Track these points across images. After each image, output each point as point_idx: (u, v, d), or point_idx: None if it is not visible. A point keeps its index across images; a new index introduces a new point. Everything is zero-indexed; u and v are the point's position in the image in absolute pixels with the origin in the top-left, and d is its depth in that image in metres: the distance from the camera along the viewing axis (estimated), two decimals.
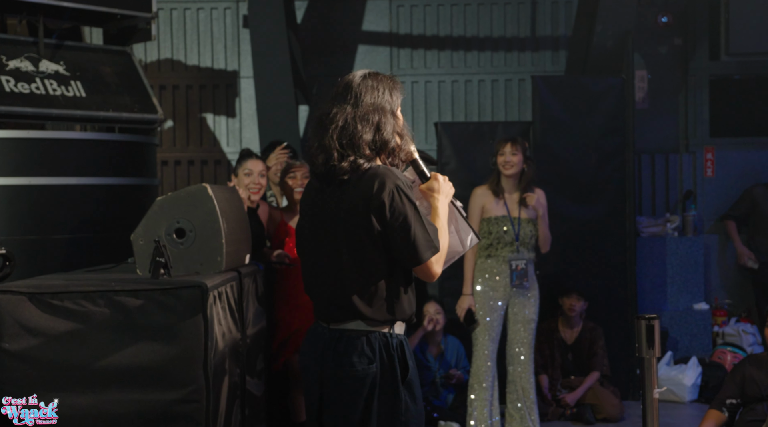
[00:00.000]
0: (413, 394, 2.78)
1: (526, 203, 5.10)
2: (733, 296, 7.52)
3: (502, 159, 5.11)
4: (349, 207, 2.71)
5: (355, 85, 2.76)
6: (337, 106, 2.75)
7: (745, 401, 4.59)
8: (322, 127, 2.76)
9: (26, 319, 3.14)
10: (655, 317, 3.80)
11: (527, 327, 5.16)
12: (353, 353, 2.72)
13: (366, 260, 2.70)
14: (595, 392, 5.82)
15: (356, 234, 2.69)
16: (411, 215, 2.67)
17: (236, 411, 3.69)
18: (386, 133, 2.75)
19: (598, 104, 6.33)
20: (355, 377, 2.71)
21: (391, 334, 2.77)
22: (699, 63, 7.62)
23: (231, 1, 7.51)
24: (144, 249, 3.44)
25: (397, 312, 2.76)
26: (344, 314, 2.76)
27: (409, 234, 2.66)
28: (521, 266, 5.09)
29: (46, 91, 4.76)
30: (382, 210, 2.66)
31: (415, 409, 2.78)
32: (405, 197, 2.68)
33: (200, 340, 3.17)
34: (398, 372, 2.75)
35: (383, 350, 2.74)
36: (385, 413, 2.74)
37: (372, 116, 2.73)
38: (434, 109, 7.62)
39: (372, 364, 2.72)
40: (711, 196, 7.63)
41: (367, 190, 2.67)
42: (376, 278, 2.72)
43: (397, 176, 2.71)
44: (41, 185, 4.58)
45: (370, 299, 2.72)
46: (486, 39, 7.62)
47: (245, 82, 7.47)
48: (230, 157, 7.46)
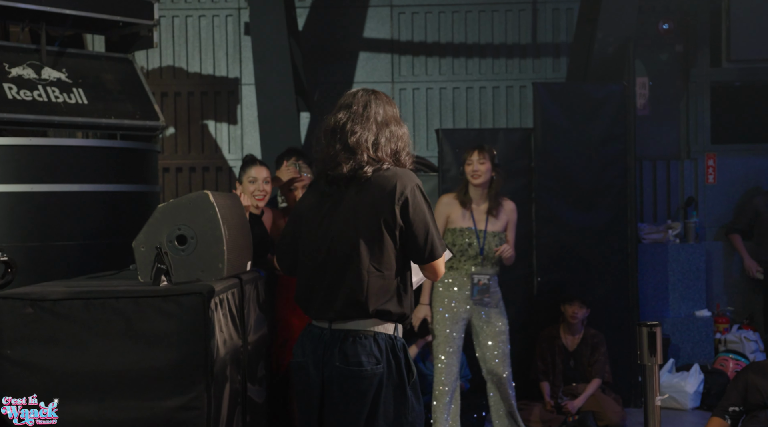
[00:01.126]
0: (418, 395, 2.90)
1: (495, 215, 4.96)
2: (735, 303, 7.51)
3: (470, 168, 4.95)
4: (371, 205, 2.85)
5: (365, 99, 2.95)
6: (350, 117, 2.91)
7: (748, 408, 4.58)
8: (337, 135, 2.91)
9: (28, 325, 3.14)
10: (657, 324, 3.81)
11: (498, 340, 4.99)
12: (362, 353, 2.80)
13: (384, 257, 2.83)
14: (596, 400, 5.81)
15: (377, 231, 2.83)
16: (428, 214, 2.88)
17: (237, 418, 3.69)
18: (401, 142, 2.96)
19: (599, 111, 6.33)
20: (363, 376, 2.79)
21: (396, 336, 2.88)
22: (700, 70, 7.62)
23: (232, 9, 7.53)
24: (145, 256, 3.44)
25: (405, 307, 2.89)
26: (354, 312, 2.83)
27: (429, 230, 2.87)
28: (483, 281, 4.92)
29: (48, 99, 4.77)
30: (407, 206, 2.84)
31: (419, 409, 2.90)
32: (424, 197, 2.89)
33: (201, 347, 3.17)
34: (405, 373, 2.85)
35: (390, 351, 2.85)
36: (392, 413, 2.82)
37: (389, 127, 2.93)
38: (435, 116, 7.63)
39: (379, 364, 2.81)
40: (712, 202, 7.63)
41: (390, 189, 2.84)
42: (391, 275, 2.85)
43: (416, 177, 2.92)
44: (43, 192, 4.58)
45: (384, 296, 2.84)
46: (487, 46, 7.63)
47: (247, 89, 7.48)
48: (232, 164, 7.47)
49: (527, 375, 6.04)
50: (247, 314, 3.87)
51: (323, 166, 2.94)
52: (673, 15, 7.57)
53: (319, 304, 2.90)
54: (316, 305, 2.91)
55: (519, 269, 6.02)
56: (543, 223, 6.25)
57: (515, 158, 6.26)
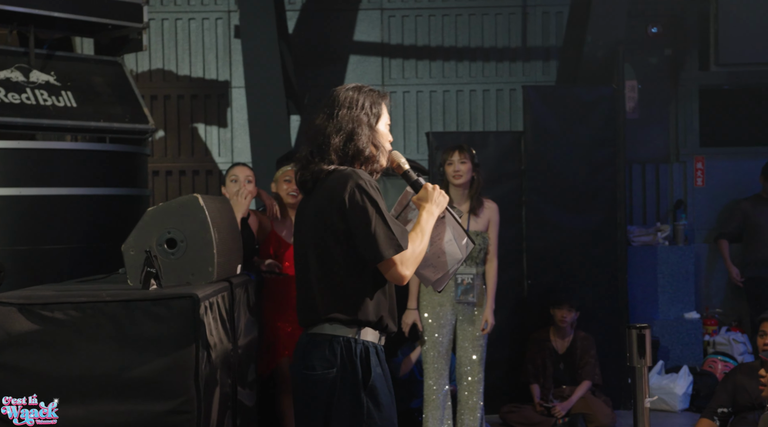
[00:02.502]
0: (377, 400, 2.77)
1: (476, 214, 4.95)
2: (723, 305, 7.55)
3: (451, 168, 4.93)
4: (316, 209, 2.80)
5: (337, 97, 2.87)
6: (320, 118, 2.87)
7: (737, 409, 4.59)
8: (308, 138, 2.88)
9: (16, 330, 3.12)
10: (646, 327, 3.82)
11: (475, 344, 4.98)
12: (315, 358, 2.77)
13: (329, 260, 2.77)
14: (586, 402, 5.82)
15: (321, 234, 2.78)
16: (372, 212, 2.72)
17: (228, 422, 3.68)
18: (360, 142, 2.82)
19: (589, 114, 6.35)
20: (314, 380, 2.76)
21: (356, 339, 2.78)
22: (689, 73, 7.65)
23: (222, 12, 7.52)
24: (135, 260, 3.44)
25: (360, 314, 2.77)
26: (312, 317, 2.81)
27: (369, 229, 2.70)
28: (467, 280, 4.90)
29: (36, 102, 4.75)
30: (343, 206, 2.73)
31: (380, 416, 2.77)
32: (365, 195, 2.72)
33: (191, 350, 3.16)
34: (360, 377, 2.75)
35: (345, 354, 2.76)
36: (345, 419, 2.75)
37: (346, 125, 2.82)
38: (425, 119, 7.64)
39: (332, 368, 2.75)
40: (701, 205, 7.66)
41: (331, 190, 2.76)
42: (339, 278, 2.77)
43: (360, 176, 2.76)
44: (32, 196, 4.57)
45: (334, 300, 2.77)
46: (477, 49, 7.65)
47: (237, 93, 7.47)
48: (222, 168, 7.46)
49: (518, 378, 6.05)
50: (237, 317, 3.86)
51: (296, 168, 2.93)
52: (662, 19, 7.60)
53: (297, 311, 2.94)
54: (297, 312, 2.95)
55: (509, 272, 6.04)
56: (533, 226, 6.26)
57: (505, 161, 6.27)
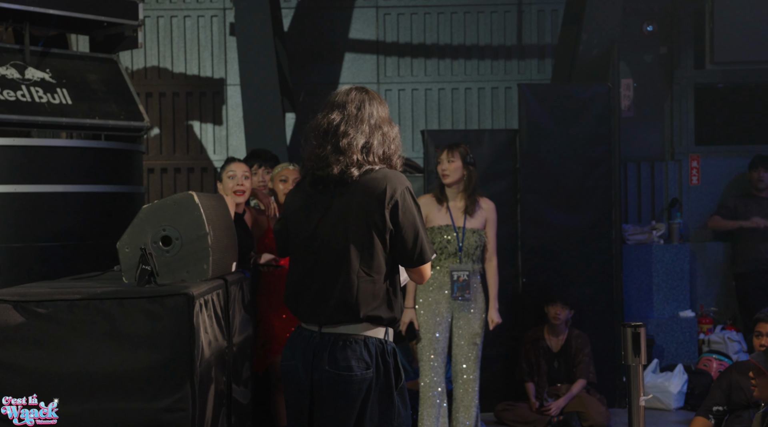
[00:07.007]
0: (405, 400, 2.88)
1: (471, 212, 4.95)
2: (718, 304, 7.55)
3: (440, 167, 4.97)
4: (360, 208, 2.81)
5: (360, 99, 2.90)
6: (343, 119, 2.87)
7: (732, 408, 4.61)
8: (329, 136, 2.86)
9: (11, 327, 3.12)
10: (641, 325, 3.82)
11: (471, 343, 4.98)
12: (352, 358, 2.79)
13: (374, 261, 2.81)
14: (581, 400, 5.83)
15: (367, 235, 2.80)
16: (418, 217, 2.85)
17: (222, 419, 3.68)
18: (393, 144, 2.93)
19: (584, 112, 6.35)
20: (352, 381, 2.78)
21: (386, 340, 2.86)
22: (684, 71, 7.66)
23: (218, 9, 7.51)
24: (130, 257, 3.43)
25: (395, 311, 2.86)
26: (347, 315, 2.81)
27: (419, 234, 2.84)
28: (463, 277, 4.91)
29: (31, 99, 4.74)
30: (396, 209, 2.81)
31: (405, 415, 2.88)
32: (413, 200, 2.86)
33: (186, 348, 3.16)
34: (393, 378, 2.83)
35: (379, 355, 2.82)
36: (379, 418, 2.81)
37: (382, 129, 2.90)
38: (421, 117, 7.64)
39: (369, 369, 2.80)
40: (696, 204, 7.67)
41: (380, 192, 2.81)
42: (381, 279, 2.82)
43: (406, 179, 2.89)
44: (27, 193, 4.56)
45: (374, 300, 2.81)
46: (472, 47, 7.65)
47: (232, 90, 7.47)
48: (217, 165, 7.45)
49: (512, 376, 6.06)
50: (232, 315, 3.86)
51: (312, 166, 2.90)
52: (657, 17, 7.61)
53: (308, 307, 2.87)
54: (305, 308, 2.89)
55: (504, 270, 6.03)
56: (528, 224, 6.27)
57: (500, 159, 6.28)
